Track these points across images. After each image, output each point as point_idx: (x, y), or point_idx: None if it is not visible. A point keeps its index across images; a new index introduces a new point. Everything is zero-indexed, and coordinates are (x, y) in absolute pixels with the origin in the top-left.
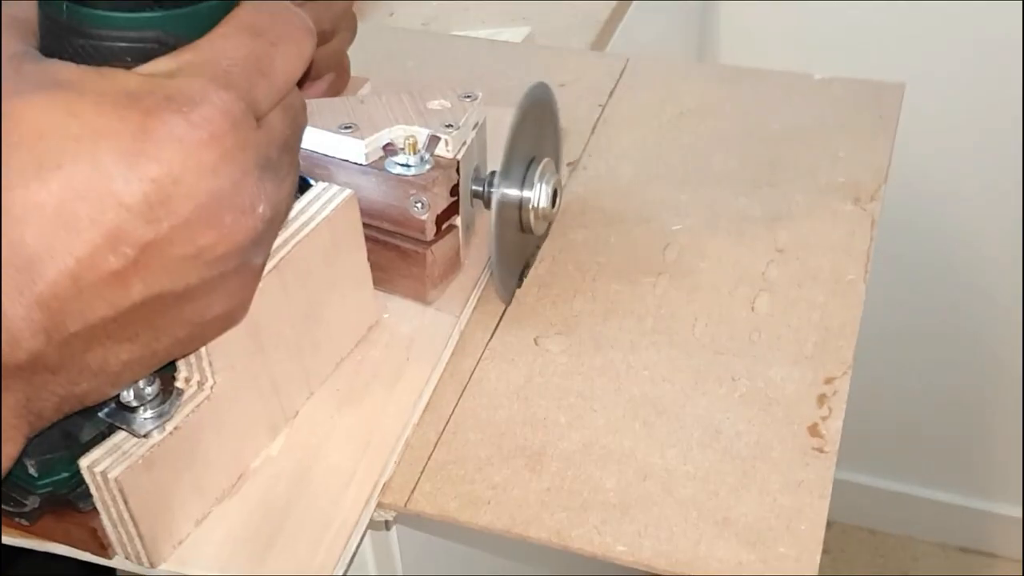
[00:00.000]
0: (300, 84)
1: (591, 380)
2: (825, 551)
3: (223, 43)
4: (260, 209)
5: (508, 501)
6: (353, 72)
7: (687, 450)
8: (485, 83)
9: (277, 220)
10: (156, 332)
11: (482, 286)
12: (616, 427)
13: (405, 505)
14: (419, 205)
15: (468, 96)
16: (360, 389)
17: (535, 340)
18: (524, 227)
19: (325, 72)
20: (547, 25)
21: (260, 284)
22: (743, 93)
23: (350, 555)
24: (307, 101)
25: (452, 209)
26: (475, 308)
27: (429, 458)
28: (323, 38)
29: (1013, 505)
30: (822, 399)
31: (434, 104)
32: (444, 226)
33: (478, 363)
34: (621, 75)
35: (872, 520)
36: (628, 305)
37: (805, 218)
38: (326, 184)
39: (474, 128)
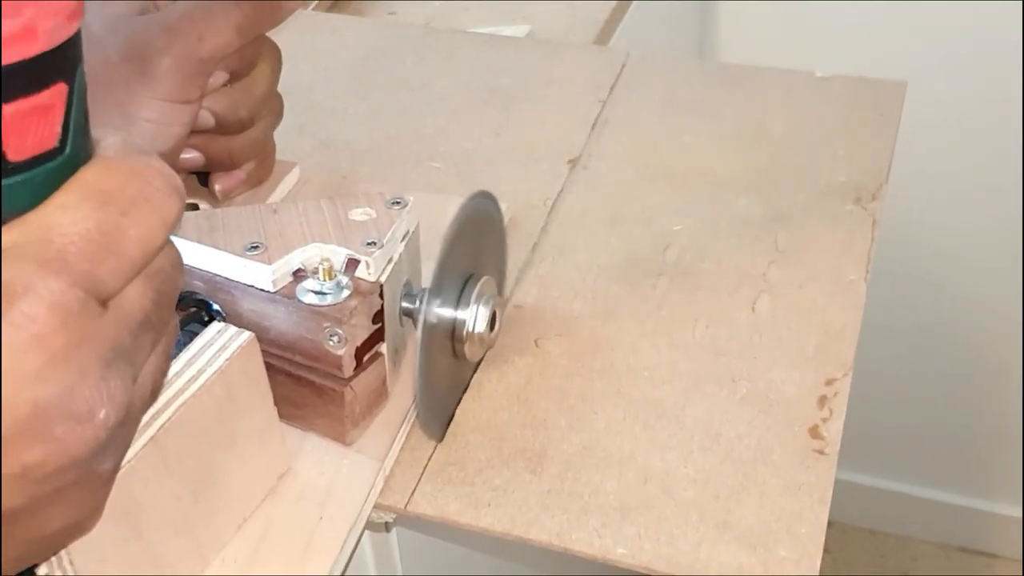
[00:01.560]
0: (211, 175)
1: (591, 382)
2: (825, 551)
3: (60, 216)
4: (102, 415)
5: (508, 503)
6: (353, 70)
7: (687, 453)
8: (485, 79)
9: (133, 416)
10: None
11: (412, 419)
12: (616, 429)
13: (405, 507)
14: (335, 339)
15: (397, 202)
16: (264, 559)
17: (535, 342)
18: (457, 353)
19: (244, 162)
20: (547, 24)
21: (134, 462)
22: (744, 92)
23: None
24: (211, 211)
25: (376, 337)
26: (403, 445)
27: (429, 460)
28: (241, 126)
29: (1013, 505)
30: (823, 401)
31: (357, 214)
32: (366, 358)
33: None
34: (622, 70)
35: (872, 520)
36: (628, 306)
37: (806, 219)
38: (221, 325)
39: (403, 240)
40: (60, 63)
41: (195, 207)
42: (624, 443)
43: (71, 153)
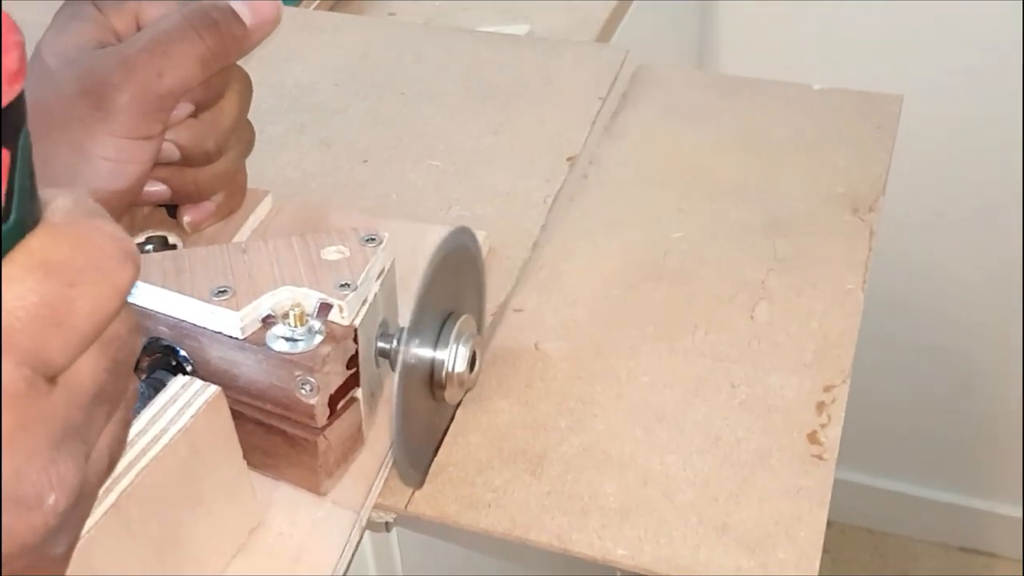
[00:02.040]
0: (179, 207)
1: (591, 385)
2: (824, 550)
3: (3, 291)
4: (51, 500)
5: (509, 504)
6: (355, 68)
7: (687, 456)
8: (484, 77)
9: (88, 493)
10: None
11: (389, 465)
12: (616, 432)
13: (405, 507)
14: (307, 387)
15: (371, 239)
16: None
17: (535, 345)
18: (436, 396)
19: (212, 194)
20: (547, 24)
21: (94, 532)
22: (744, 102)
23: None
24: (178, 252)
25: (351, 382)
26: (381, 491)
27: (430, 461)
28: (208, 158)
29: (1013, 505)
30: (821, 407)
31: (330, 252)
32: (340, 405)
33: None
34: (621, 67)
35: (871, 520)
36: (628, 311)
37: (804, 228)
38: (186, 379)
39: (379, 278)
40: (2, 128)
41: (164, 239)
42: (624, 445)
43: (16, 220)
